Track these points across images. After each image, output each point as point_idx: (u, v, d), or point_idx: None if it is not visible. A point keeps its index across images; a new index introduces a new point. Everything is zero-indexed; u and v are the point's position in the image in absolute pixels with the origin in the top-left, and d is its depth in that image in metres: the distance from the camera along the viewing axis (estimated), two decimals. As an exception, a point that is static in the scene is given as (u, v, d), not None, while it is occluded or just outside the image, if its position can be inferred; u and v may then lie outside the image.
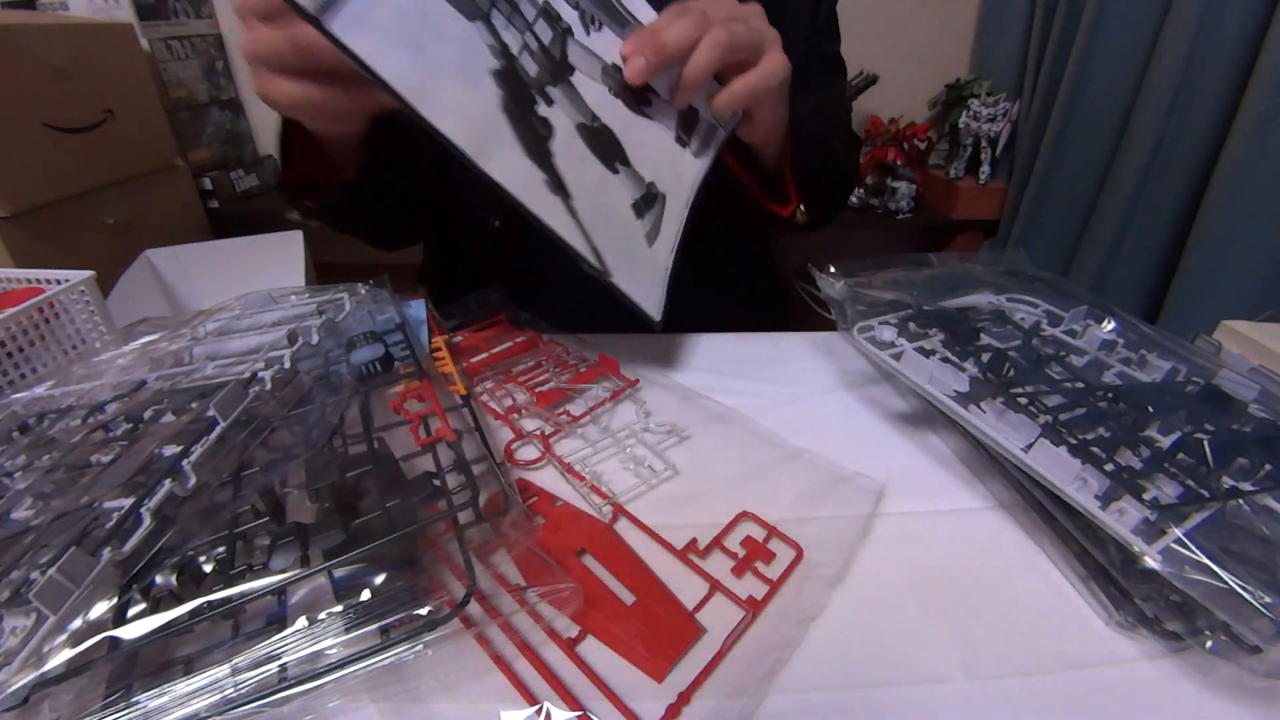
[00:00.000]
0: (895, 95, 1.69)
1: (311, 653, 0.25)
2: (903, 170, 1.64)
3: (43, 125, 1.17)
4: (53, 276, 0.52)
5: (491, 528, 0.32)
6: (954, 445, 0.43)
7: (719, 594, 0.32)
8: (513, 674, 0.27)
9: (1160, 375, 0.41)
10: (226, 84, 1.70)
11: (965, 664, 0.29)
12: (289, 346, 0.38)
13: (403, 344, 0.44)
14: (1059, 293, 0.50)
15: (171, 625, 0.26)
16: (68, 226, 1.23)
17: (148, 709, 0.23)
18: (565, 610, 0.30)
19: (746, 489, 0.39)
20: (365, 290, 0.47)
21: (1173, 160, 1.28)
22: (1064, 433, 0.34)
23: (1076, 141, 1.44)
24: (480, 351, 0.52)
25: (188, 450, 0.30)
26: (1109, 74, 1.35)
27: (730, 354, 0.55)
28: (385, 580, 0.28)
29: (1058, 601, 0.32)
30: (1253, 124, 1.13)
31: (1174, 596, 0.29)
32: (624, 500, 0.38)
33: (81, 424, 0.36)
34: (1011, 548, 0.36)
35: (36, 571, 0.25)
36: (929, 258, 0.55)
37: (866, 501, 0.37)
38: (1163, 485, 0.32)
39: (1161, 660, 0.29)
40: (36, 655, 0.24)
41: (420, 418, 0.37)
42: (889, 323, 0.46)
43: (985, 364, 0.41)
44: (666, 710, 0.26)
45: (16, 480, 0.32)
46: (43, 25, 1.19)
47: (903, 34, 1.66)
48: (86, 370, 0.43)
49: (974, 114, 1.54)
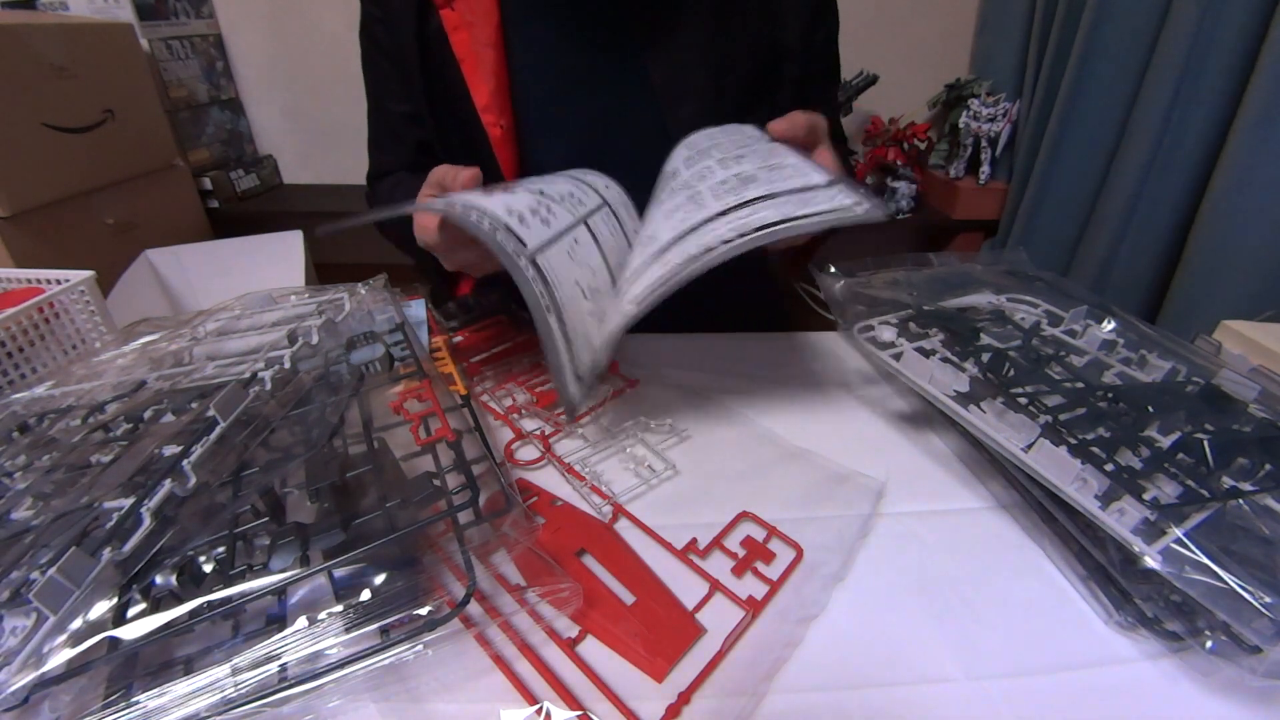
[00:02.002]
0: (895, 95, 1.68)
1: (311, 653, 0.25)
2: (903, 170, 1.64)
3: (43, 125, 1.17)
4: (53, 276, 0.52)
5: (491, 528, 0.32)
6: (954, 445, 0.43)
7: (719, 594, 0.32)
8: (513, 674, 0.27)
9: (1160, 375, 0.41)
10: (226, 84, 1.70)
11: (965, 664, 0.29)
12: (289, 346, 0.38)
13: (403, 344, 0.44)
14: (1059, 293, 0.50)
15: (171, 625, 0.26)
16: (68, 226, 1.22)
17: (148, 709, 0.23)
18: (565, 610, 0.30)
19: (746, 489, 0.39)
20: (365, 290, 0.47)
21: (1173, 160, 1.28)
22: (1064, 433, 0.34)
23: (1076, 141, 1.44)
24: (480, 351, 0.52)
25: (188, 450, 0.30)
26: (1109, 74, 1.35)
27: (730, 354, 0.55)
28: (385, 580, 0.28)
29: (1058, 601, 0.32)
30: (1253, 124, 1.13)
31: (1174, 596, 0.29)
32: (624, 500, 0.38)
33: (81, 424, 0.36)
34: (1011, 548, 0.36)
35: (36, 571, 0.25)
36: (929, 258, 0.55)
37: (866, 501, 0.37)
38: (1163, 485, 0.32)
39: (1161, 660, 0.29)
40: (36, 655, 0.24)
41: (420, 418, 0.37)
42: (889, 323, 0.46)
43: (985, 364, 0.41)
44: (666, 710, 0.26)
45: (16, 480, 0.32)
46: (43, 25, 1.19)
47: (903, 34, 1.66)
48: (86, 370, 0.43)
49: (974, 114, 1.54)
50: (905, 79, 1.68)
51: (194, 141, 1.60)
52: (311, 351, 0.39)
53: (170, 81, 1.52)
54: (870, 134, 1.71)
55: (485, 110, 0.56)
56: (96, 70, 1.27)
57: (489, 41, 0.55)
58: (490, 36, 0.55)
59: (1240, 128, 1.15)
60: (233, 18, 1.66)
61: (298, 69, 1.71)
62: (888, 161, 1.65)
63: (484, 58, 0.55)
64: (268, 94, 1.76)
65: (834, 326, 0.50)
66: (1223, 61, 1.18)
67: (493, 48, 0.55)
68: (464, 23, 0.54)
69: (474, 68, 0.55)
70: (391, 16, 0.57)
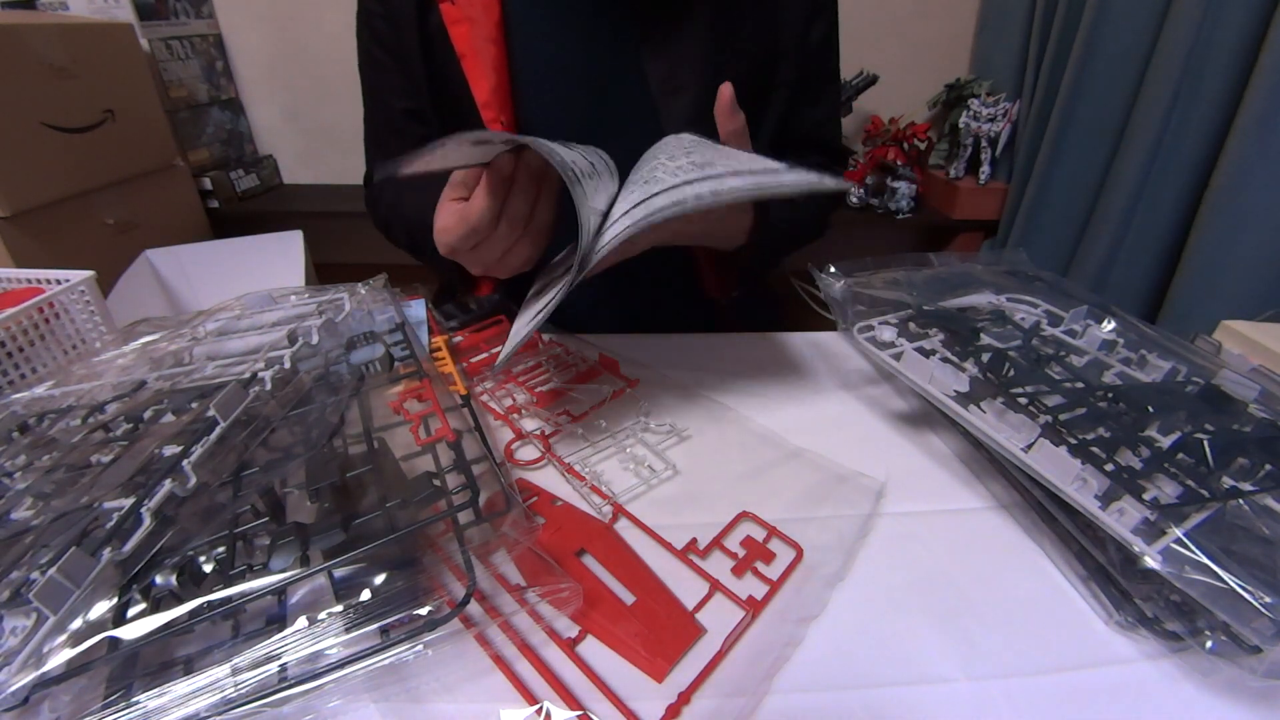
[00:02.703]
0: (895, 95, 1.68)
1: (311, 653, 0.25)
2: (903, 170, 1.64)
3: (43, 125, 1.17)
4: (53, 276, 0.52)
5: (491, 528, 0.32)
6: (954, 445, 0.43)
7: (719, 594, 0.32)
8: (513, 674, 0.27)
9: (1160, 375, 0.41)
10: (226, 84, 1.70)
11: (965, 664, 0.29)
12: (289, 346, 0.38)
13: (403, 344, 0.44)
14: (1059, 293, 0.50)
15: (171, 625, 0.26)
16: (68, 226, 1.23)
17: (148, 709, 0.23)
18: (565, 610, 0.30)
19: (746, 489, 0.39)
20: (365, 290, 0.47)
21: (1173, 160, 1.28)
22: (1064, 433, 0.34)
23: (1076, 141, 1.44)
24: (480, 351, 0.52)
25: (188, 450, 0.30)
26: (1109, 74, 1.35)
27: (730, 354, 0.55)
28: (385, 580, 0.28)
29: (1058, 601, 0.32)
30: (1253, 124, 1.13)
31: (1174, 596, 0.29)
32: (624, 500, 0.38)
33: (81, 424, 0.36)
34: (1011, 548, 0.36)
35: (37, 571, 0.25)
36: (929, 258, 0.55)
37: (866, 501, 0.37)
38: (1163, 485, 0.32)
39: (1161, 660, 0.29)
40: (36, 655, 0.24)
41: (420, 418, 0.37)
42: (889, 323, 0.46)
43: (985, 364, 0.41)
44: (666, 710, 0.26)
45: (16, 480, 0.32)
46: (43, 25, 1.19)
47: (903, 34, 1.66)
48: (86, 370, 0.43)
49: (974, 114, 1.54)
50: (905, 79, 1.68)
51: (194, 141, 1.60)
52: (311, 351, 0.39)
53: (170, 81, 1.52)
54: (870, 134, 1.72)
55: (485, 107, 0.56)
56: (96, 70, 1.27)
57: (489, 37, 0.55)
58: (491, 32, 0.55)
59: (1240, 128, 1.15)
60: (233, 18, 1.66)
61: (298, 69, 1.72)
62: (888, 161, 1.65)
63: (485, 53, 0.55)
64: (268, 94, 1.77)
65: (834, 326, 0.50)
66: (1223, 62, 1.18)
67: (493, 43, 0.55)
68: (464, 17, 0.54)
69: (475, 63, 0.55)
70: (393, 12, 0.57)
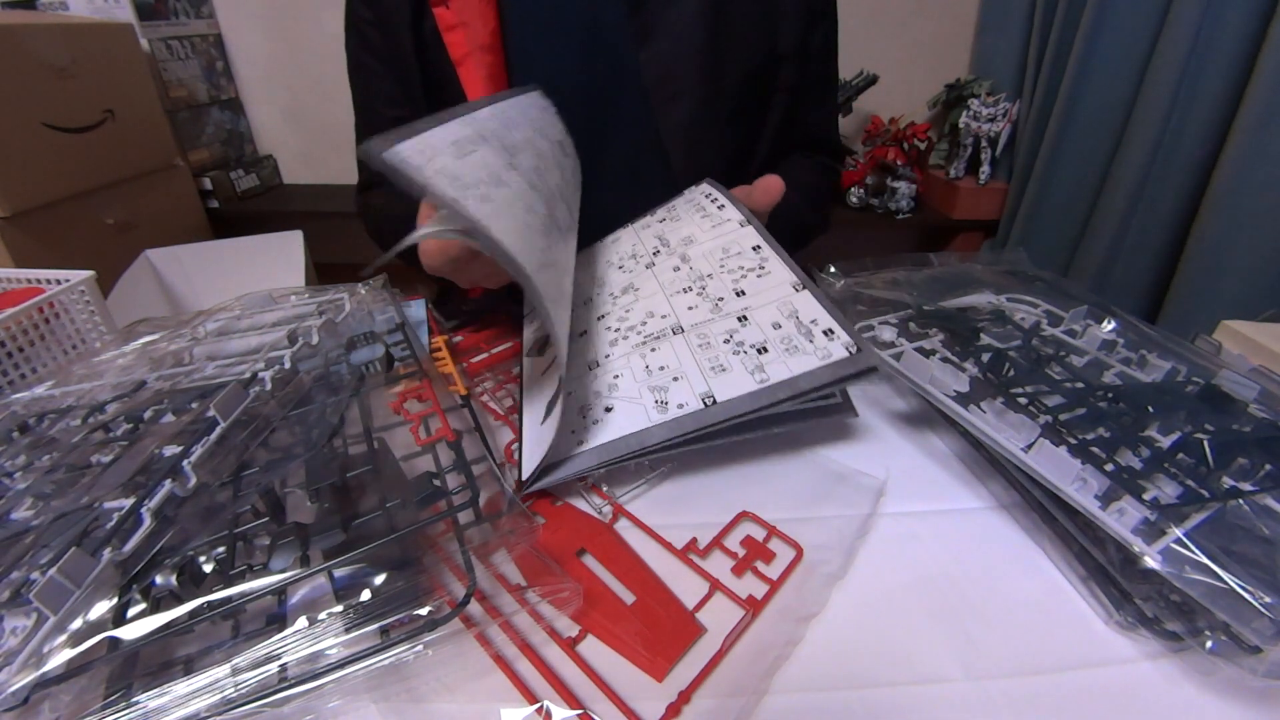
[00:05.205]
0: (895, 95, 1.68)
1: (311, 653, 0.25)
2: (903, 170, 1.64)
3: (43, 125, 1.17)
4: (53, 276, 0.52)
5: (491, 528, 0.32)
6: (954, 445, 0.43)
7: (719, 593, 0.32)
8: (513, 673, 0.27)
9: (1160, 375, 0.41)
10: (226, 84, 1.70)
11: (965, 664, 0.29)
12: (289, 347, 0.38)
13: (403, 344, 0.44)
14: (1059, 293, 0.50)
15: (171, 625, 0.26)
16: (68, 226, 1.23)
17: (148, 709, 0.23)
18: (565, 610, 0.30)
19: (746, 489, 0.39)
20: (365, 290, 0.47)
21: (1173, 160, 1.28)
22: (1064, 433, 0.34)
23: (1076, 141, 1.44)
24: (480, 351, 0.52)
25: (188, 450, 0.30)
26: (1109, 74, 1.35)
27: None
28: (385, 580, 0.28)
29: (1058, 601, 0.32)
30: (1253, 124, 1.13)
31: (1174, 596, 0.29)
32: (624, 500, 0.38)
33: (81, 424, 0.36)
34: (1011, 548, 0.36)
35: (37, 572, 0.25)
36: (929, 258, 0.55)
37: (866, 501, 0.37)
38: (1163, 485, 0.32)
39: (1161, 660, 0.29)
40: (36, 655, 0.24)
41: (420, 418, 0.37)
42: (889, 323, 0.46)
43: (985, 364, 0.41)
44: (666, 709, 0.26)
45: (16, 480, 0.32)
46: (43, 25, 1.19)
47: (903, 34, 1.66)
48: (86, 370, 0.43)
49: (974, 114, 1.54)
50: (905, 79, 1.68)
51: (194, 141, 1.60)
52: (311, 352, 0.39)
53: (170, 81, 1.52)
54: (870, 134, 1.71)
55: None
56: (96, 70, 1.27)
57: (485, 43, 0.54)
58: (486, 38, 0.54)
59: (1240, 128, 1.15)
60: (233, 18, 1.66)
61: (298, 69, 1.71)
62: (888, 161, 1.65)
63: (480, 60, 0.54)
64: (268, 94, 1.76)
65: (834, 326, 0.50)
66: (1223, 62, 1.18)
67: (489, 51, 0.55)
68: (459, 22, 0.54)
69: (470, 70, 0.55)
70: (385, 18, 0.57)
